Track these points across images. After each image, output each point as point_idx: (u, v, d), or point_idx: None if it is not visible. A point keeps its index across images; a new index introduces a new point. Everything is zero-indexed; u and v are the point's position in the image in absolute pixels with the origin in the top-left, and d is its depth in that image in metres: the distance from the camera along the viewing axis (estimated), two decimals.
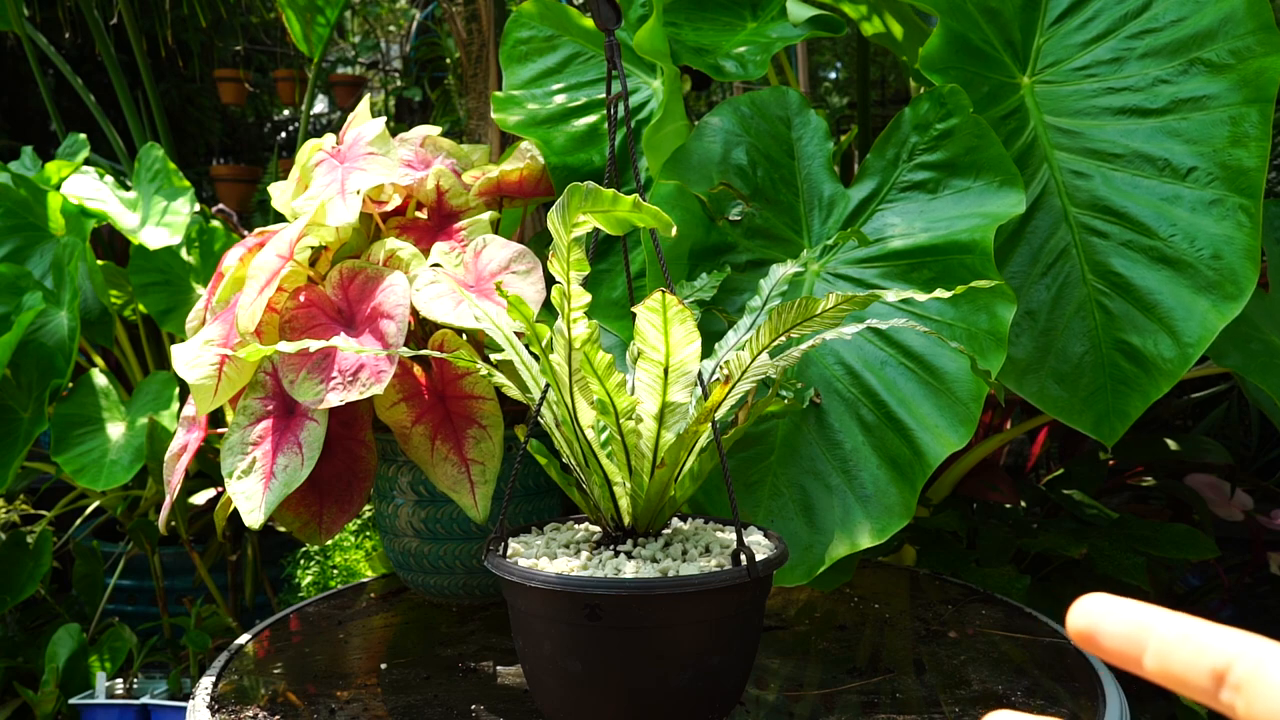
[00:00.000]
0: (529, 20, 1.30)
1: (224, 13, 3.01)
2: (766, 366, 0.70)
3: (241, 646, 0.96)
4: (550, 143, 1.20)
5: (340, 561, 1.51)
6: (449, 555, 1.03)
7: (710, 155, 1.07)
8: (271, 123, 4.83)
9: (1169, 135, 1.00)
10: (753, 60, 1.15)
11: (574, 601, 0.66)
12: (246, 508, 0.91)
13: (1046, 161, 1.04)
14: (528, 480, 1.05)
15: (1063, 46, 1.07)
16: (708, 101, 2.34)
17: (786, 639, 0.96)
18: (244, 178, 3.75)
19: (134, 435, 1.60)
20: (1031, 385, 1.00)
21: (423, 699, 0.83)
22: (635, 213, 0.60)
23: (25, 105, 4.24)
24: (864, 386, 0.97)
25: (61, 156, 1.90)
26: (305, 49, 2.05)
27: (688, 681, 0.68)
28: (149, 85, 2.19)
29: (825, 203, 1.06)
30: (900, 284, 0.98)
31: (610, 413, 0.69)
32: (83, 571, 1.81)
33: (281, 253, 0.96)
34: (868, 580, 1.14)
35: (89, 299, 1.76)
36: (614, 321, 1.12)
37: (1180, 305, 0.96)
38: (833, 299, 0.65)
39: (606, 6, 0.81)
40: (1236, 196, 0.96)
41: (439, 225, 1.08)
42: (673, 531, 0.77)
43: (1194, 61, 1.00)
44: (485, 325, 0.77)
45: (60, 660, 1.60)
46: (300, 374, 0.91)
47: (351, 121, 1.11)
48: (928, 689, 0.83)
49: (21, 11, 2.12)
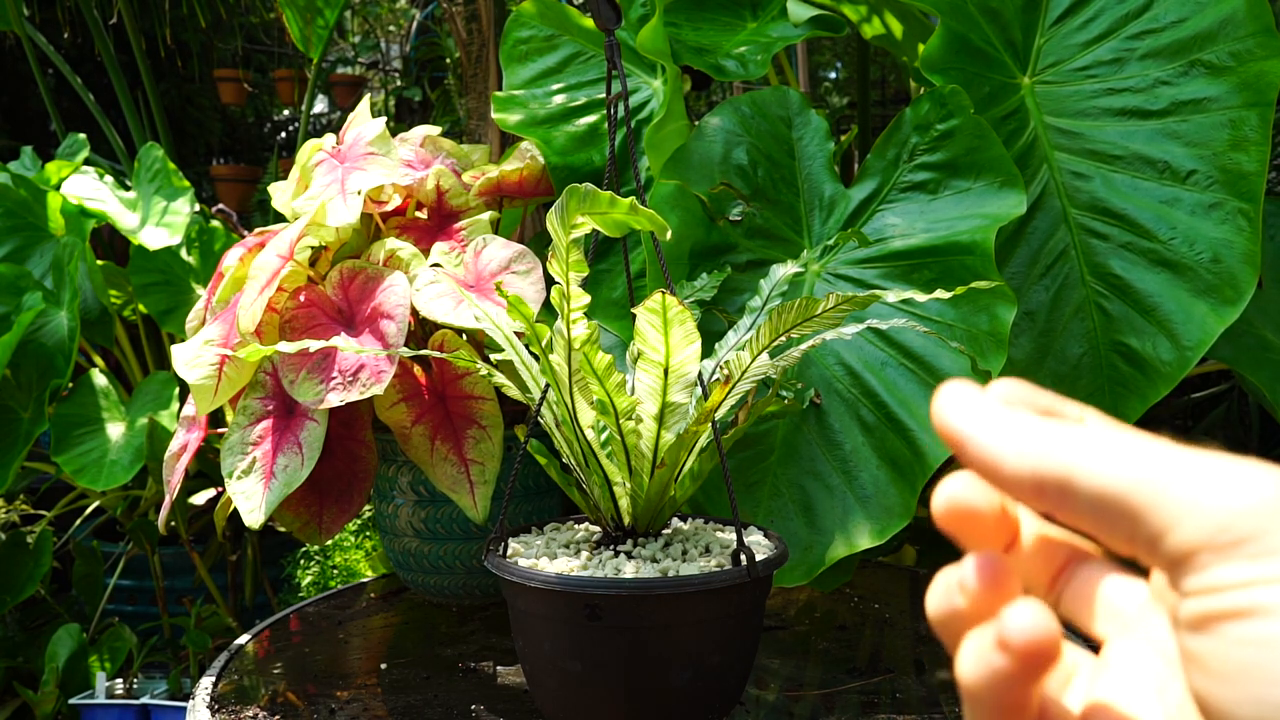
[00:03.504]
0: (529, 20, 1.30)
1: (223, 13, 3.01)
2: (766, 367, 0.70)
3: (241, 646, 0.96)
4: (550, 142, 1.20)
5: (340, 561, 1.51)
6: (449, 555, 1.03)
7: (711, 155, 1.07)
8: (271, 123, 4.83)
9: (1169, 137, 1.00)
10: (753, 60, 1.15)
11: (574, 601, 0.66)
12: (246, 508, 0.91)
13: (1046, 162, 1.04)
14: (528, 480, 1.05)
15: (1063, 47, 1.07)
16: (708, 101, 2.34)
17: (786, 639, 0.96)
18: (244, 178, 3.75)
19: (134, 435, 1.60)
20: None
21: (423, 699, 0.83)
22: (632, 215, 0.60)
23: (25, 105, 4.24)
24: (864, 387, 0.97)
25: (61, 156, 1.90)
26: (305, 49, 2.05)
27: (688, 681, 0.68)
28: (149, 85, 2.19)
29: (826, 203, 1.06)
30: (900, 284, 0.98)
31: (610, 413, 0.69)
32: (83, 571, 1.81)
33: (281, 253, 0.96)
34: (868, 580, 1.14)
35: (89, 299, 1.76)
36: (614, 322, 1.12)
37: (1179, 308, 0.96)
38: (833, 299, 0.65)
39: (606, 6, 0.81)
40: (1236, 200, 0.96)
41: (439, 225, 1.08)
42: (673, 531, 0.77)
43: (1194, 63, 1.00)
44: (485, 325, 0.77)
45: (60, 660, 1.60)
46: (300, 374, 0.92)
47: (351, 121, 1.11)
48: (928, 689, 0.83)
49: (21, 11, 2.12)
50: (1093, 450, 0.23)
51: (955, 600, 0.24)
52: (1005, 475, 0.24)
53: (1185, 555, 0.21)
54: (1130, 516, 0.22)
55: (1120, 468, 0.22)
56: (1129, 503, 0.22)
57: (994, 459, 0.24)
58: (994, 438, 0.24)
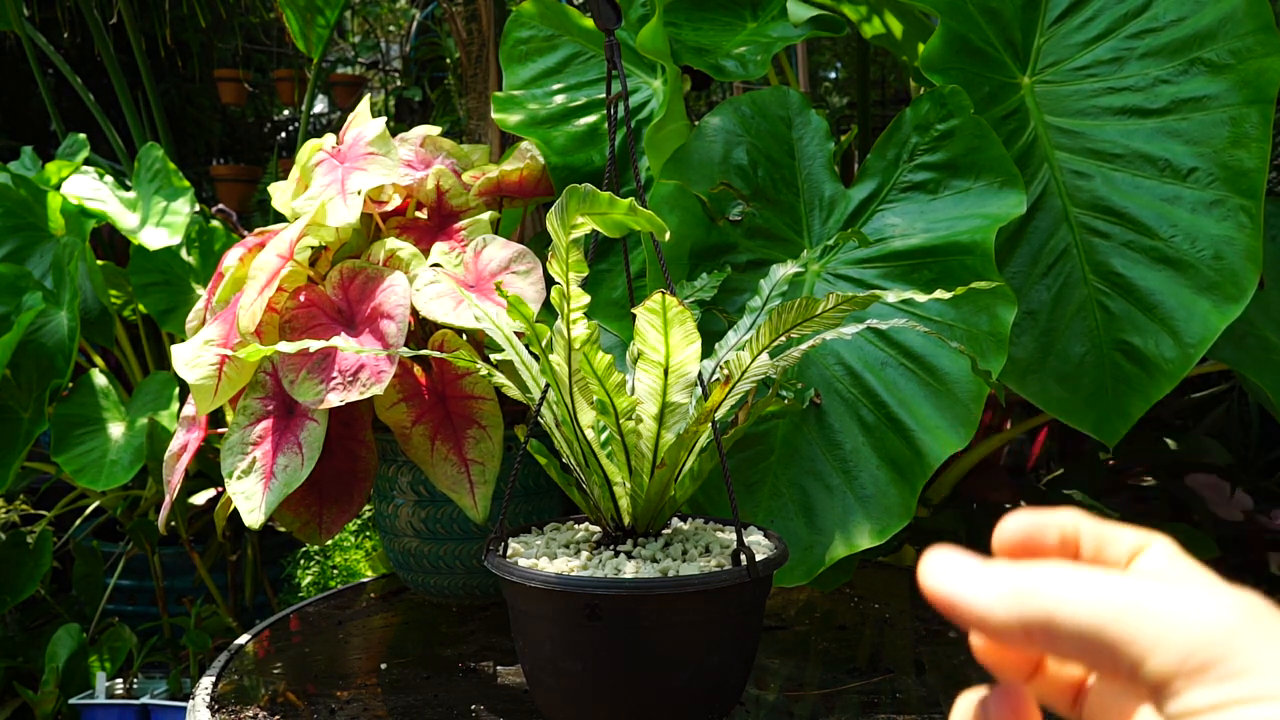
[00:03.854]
0: (529, 20, 1.30)
1: (223, 13, 3.01)
2: (766, 367, 0.70)
3: (241, 646, 0.96)
4: (550, 142, 1.20)
5: (340, 561, 1.51)
6: (449, 555, 1.03)
7: (711, 155, 1.07)
8: (271, 123, 4.82)
9: (1169, 136, 1.00)
10: (753, 60, 1.15)
11: (574, 601, 0.66)
12: (246, 508, 0.91)
13: (1047, 162, 1.04)
14: (528, 480, 1.04)
15: (1063, 46, 1.07)
16: (708, 101, 2.34)
17: (786, 639, 0.96)
18: (244, 178, 3.75)
19: (134, 435, 1.60)
20: (1033, 385, 0.99)
21: (423, 699, 0.83)
22: (631, 215, 0.60)
23: (25, 105, 4.23)
24: (864, 387, 0.97)
25: (61, 156, 1.90)
26: (305, 49, 2.04)
27: (688, 681, 0.68)
28: (149, 85, 2.19)
29: (826, 203, 1.06)
30: (901, 285, 0.98)
31: (610, 413, 0.69)
32: (83, 571, 1.81)
33: (281, 253, 0.96)
34: (868, 580, 1.14)
35: (89, 299, 1.76)
36: (614, 322, 1.12)
37: (1181, 306, 0.96)
38: (833, 299, 0.65)
39: (606, 6, 0.81)
40: (1237, 198, 0.96)
41: (439, 225, 1.08)
42: (673, 531, 0.77)
43: (1194, 62, 1.00)
44: (485, 325, 0.77)
45: (60, 660, 1.60)
46: (300, 374, 0.91)
47: (351, 121, 1.11)
48: (928, 689, 0.83)
49: (21, 11, 2.12)
50: (1069, 590, 0.24)
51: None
52: (994, 625, 0.25)
53: (1162, 682, 0.22)
54: (1110, 649, 0.23)
55: (1095, 605, 0.23)
56: (1106, 636, 0.23)
57: (981, 613, 0.25)
58: (978, 594, 0.25)
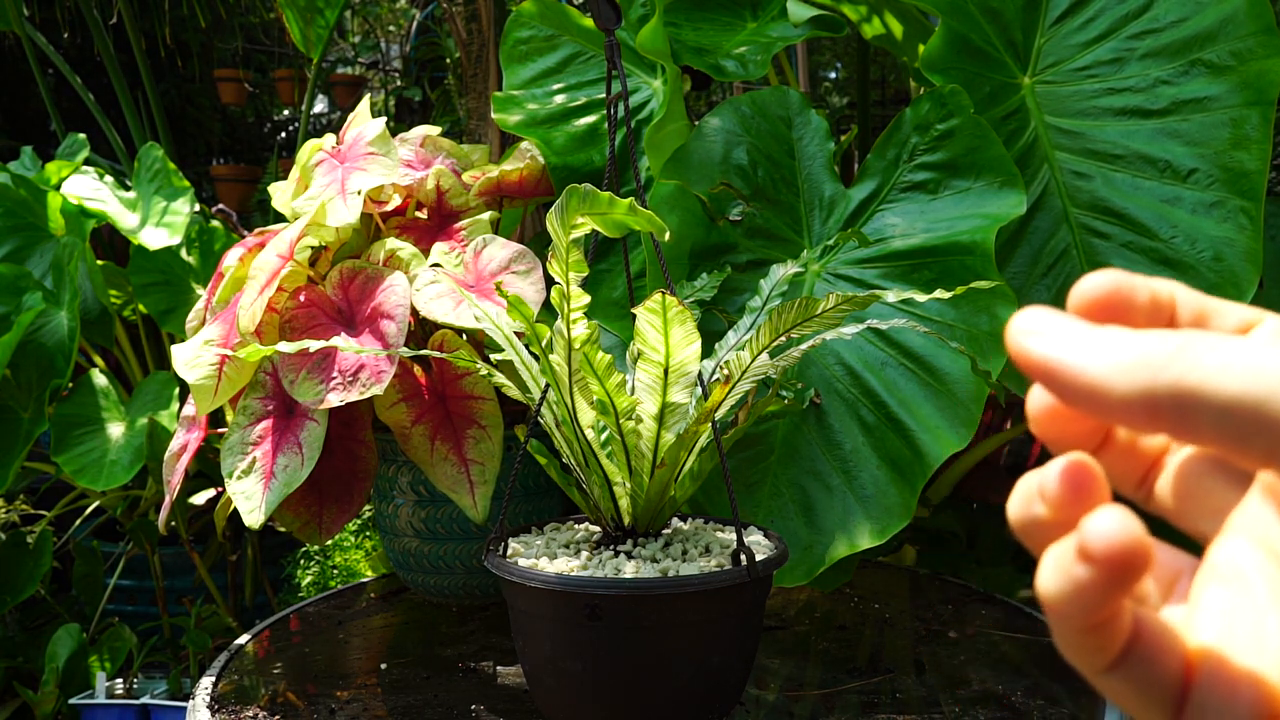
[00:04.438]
0: (529, 20, 1.30)
1: (223, 13, 3.01)
2: (766, 367, 0.70)
3: (241, 646, 0.96)
4: (550, 142, 1.20)
5: (340, 561, 1.51)
6: (449, 555, 1.03)
7: (711, 155, 1.07)
8: (271, 123, 4.82)
9: (1170, 137, 1.00)
10: (753, 60, 1.15)
11: (574, 601, 0.66)
12: (246, 508, 0.91)
13: (1047, 162, 1.04)
14: (528, 480, 1.04)
15: (1064, 47, 1.07)
16: (708, 101, 2.34)
17: (786, 639, 0.96)
18: (244, 178, 3.75)
19: (134, 435, 1.60)
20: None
21: (423, 699, 0.83)
22: (631, 215, 0.60)
23: (25, 105, 4.23)
24: (864, 387, 0.97)
25: (61, 156, 1.90)
26: (305, 49, 2.04)
27: (688, 681, 0.68)
28: (149, 85, 2.19)
29: (826, 203, 1.06)
30: (901, 285, 0.98)
31: (610, 413, 0.69)
32: (83, 571, 1.81)
33: (281, 253, 0.96)
34: (868, 580, 1.14)
35: (89, 299, 1.76)
36: (614, 322, 1.12)
37: None
38: (833, 299, 0.65)
39: (606, 6, 0.81)
40: (1237, 199, 0.96)
41: (439, 225, 1.08)
42: (673, 531, 0.77)
43: (1195, 63, 1.00)
44: (485, 325, 0.77)
45: (60, 660, 1.60)
46: (300, 374, 0.91)
47: (351, 121, 1.11)
48: (928, 689, 0.83)
49: (21, 11, 2.12)
50: (1212, 360, 0.20)
51: (1035, 509, 0.22)
52: (1113, 401, 0.21)
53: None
54: (1269, 429, 0.19)
55: (1248, 377, 0.19)
56: (1266, 414, 0.19)
57: (1095, 383, 0.21)
58: (1092, 362, 0.21)
